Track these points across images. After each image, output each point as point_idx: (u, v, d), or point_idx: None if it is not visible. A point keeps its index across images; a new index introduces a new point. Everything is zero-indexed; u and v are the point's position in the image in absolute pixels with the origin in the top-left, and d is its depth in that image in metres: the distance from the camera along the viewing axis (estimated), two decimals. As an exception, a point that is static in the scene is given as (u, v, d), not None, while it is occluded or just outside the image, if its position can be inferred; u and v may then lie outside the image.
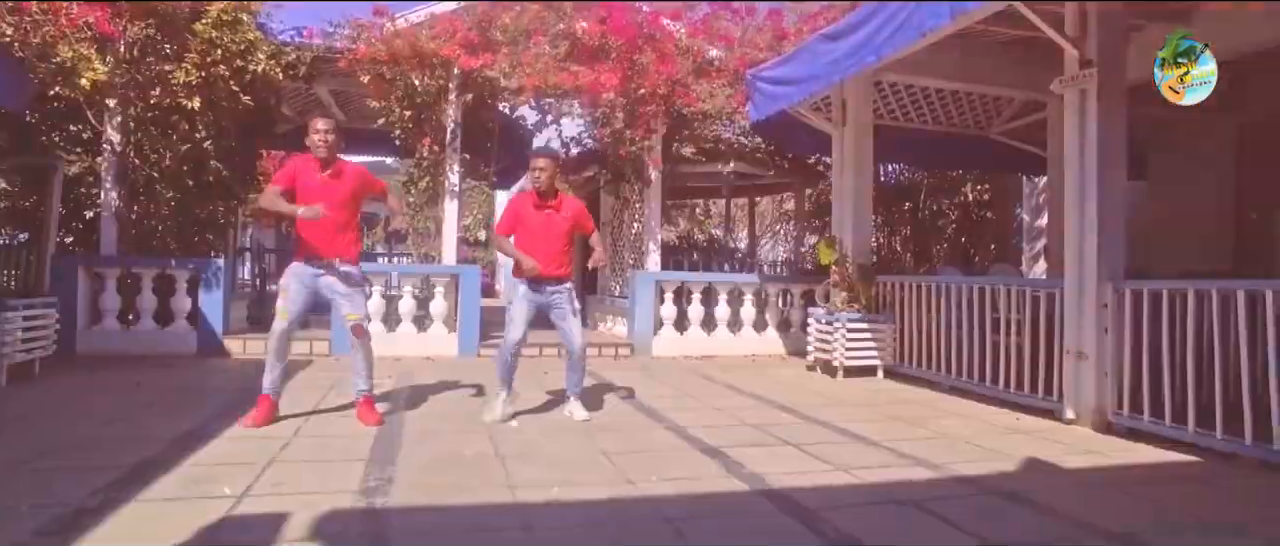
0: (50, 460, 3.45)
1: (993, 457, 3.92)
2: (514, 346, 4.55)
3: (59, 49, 6.32)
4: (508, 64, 7.51)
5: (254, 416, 4.18)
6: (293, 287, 4.25)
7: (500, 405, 4.57)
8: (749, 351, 8.54)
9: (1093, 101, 4.65)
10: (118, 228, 7.20)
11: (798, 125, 8.52)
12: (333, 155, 4.30)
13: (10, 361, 5.37)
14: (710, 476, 3.50)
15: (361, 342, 4.35)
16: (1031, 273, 10.31)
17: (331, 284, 4.28)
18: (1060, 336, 4.92)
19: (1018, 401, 5.26)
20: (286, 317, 4.23)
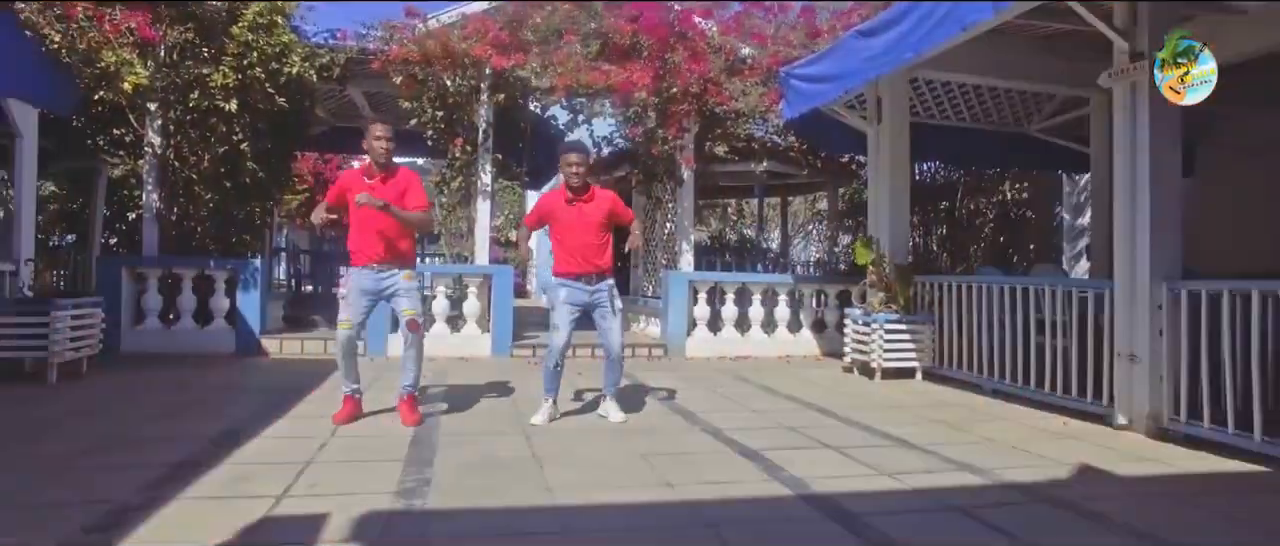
0: (97, 457, 3.50)
1: (1042, 463, 3.79)
2: (559, 352, 4.49)
3: (103, 54, 6.44)
4: (539, 63, 7.51)
5: (340, 414, 4.32)
6: (353, 296, 4.31)
7: (545, 411, 4.53)
8: (783, 352, 8.44)
9: (1144, 95, 4.49)
10: (159, 229, 7.32)
11: (832, 123, 8.39)
12: (390, 160, 4.35)
13: (60, 359, 5.49)
14: (750, 479, 3.43)
15: (416, 338, 4.38)
16: (1074, 273, 10.05)
17: (392, 284, 4.32)
18: (1110, 338, 4.76)
19: (1064, 405, 5.11)
20: (350, 326, 4.28)
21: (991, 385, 5.97)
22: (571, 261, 4.48)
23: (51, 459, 3.43)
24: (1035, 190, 11.03)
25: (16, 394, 5.00)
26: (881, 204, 7.45)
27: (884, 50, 5.55)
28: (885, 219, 7.36)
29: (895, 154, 7.33)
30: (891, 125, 7.32)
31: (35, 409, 4.56)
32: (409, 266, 4.40)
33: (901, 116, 7.38)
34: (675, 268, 8.67)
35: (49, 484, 3.09)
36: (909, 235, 7.65)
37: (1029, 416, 5.08)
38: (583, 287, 4.49)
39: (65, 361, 5.55)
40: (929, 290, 7.05)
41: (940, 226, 11.33)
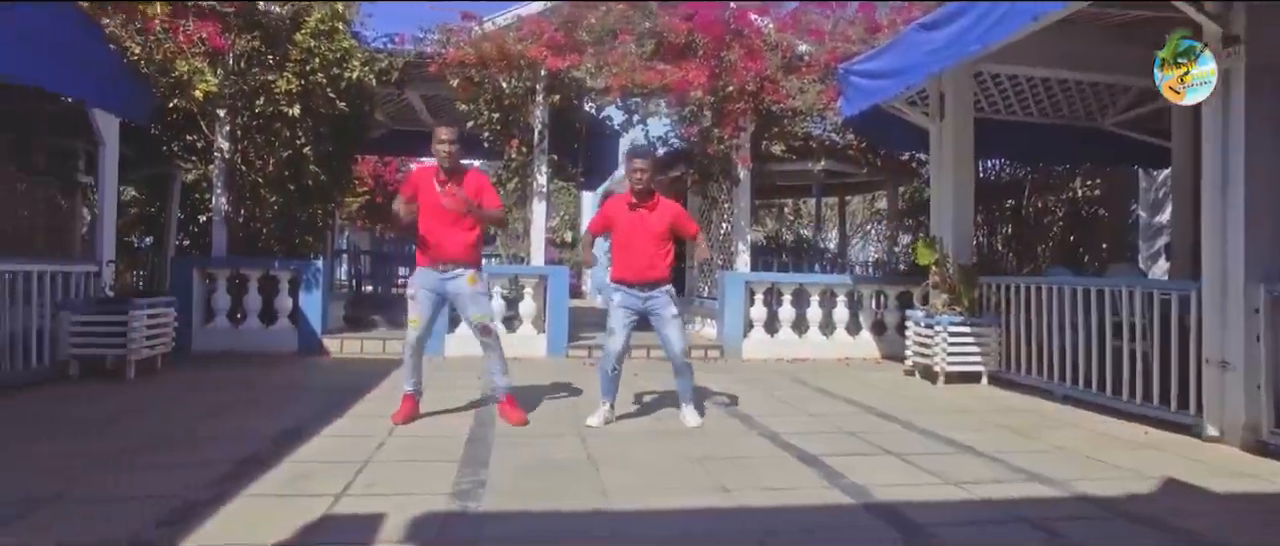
0: (168, 452, 3.61)
1: (1122, 476, 3.58)
2: (615, 357, 4.46)
3: (177, 64, 6.69)
4: (594, 64, 7.50)
5: (399, 413, 4.38)
6: (421, 296, 4.34)
7: (601, 414, 4.49)
8: (842, 355, 8.26)
9: (1239, 82, 4.20)
10: (227, 230, 7.57)
11: (892, 120, 8.17)
12: (455, 163, 4.36)
13: (137, 357, 5.72)
14: (809, 486, 3.33)
15: (492, 341, 4.43)
16: (1152, 273, 9.57)
17: (458, 287, 4.34)
18: (1196, 344, 4.48)
19: (1145, 414, 4.84)
20: (419, 325, 4.33)
21: (1062, 391, 5.71)
22: (628, 268, 4.44)
23: (126, 453, 3.55)
24: (1108, 187, 10.56)
25: (97, 389, 5.22)
26: (944, 203, 7.21)
27: (947, 43, 5.37)
28: (948, 218, 7.13)
29: (959, 151, 7.09)
30: (955, 121, 7.08)
31: (113, 404, 4.75)
32: (474, 268, 4.40)
33: (965, 112, 7.13)
34: (731, 268, 8.56)
35: (124, 478, 3.19)
36: (973, 235, 7.39)
37: (1104, 424, 4.83)
38: (637, 294, 4.45)
39: (142, 358, 5.78)
40: (995, 291, 6.80)
41: (1006, 226, 10.94)
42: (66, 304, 5.62)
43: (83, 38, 5.68)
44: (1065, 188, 10.56)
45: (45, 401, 4.77)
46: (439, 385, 5.49)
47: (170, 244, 10.72)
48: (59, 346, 5.57)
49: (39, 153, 7.91)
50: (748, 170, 8.38)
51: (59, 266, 5.83)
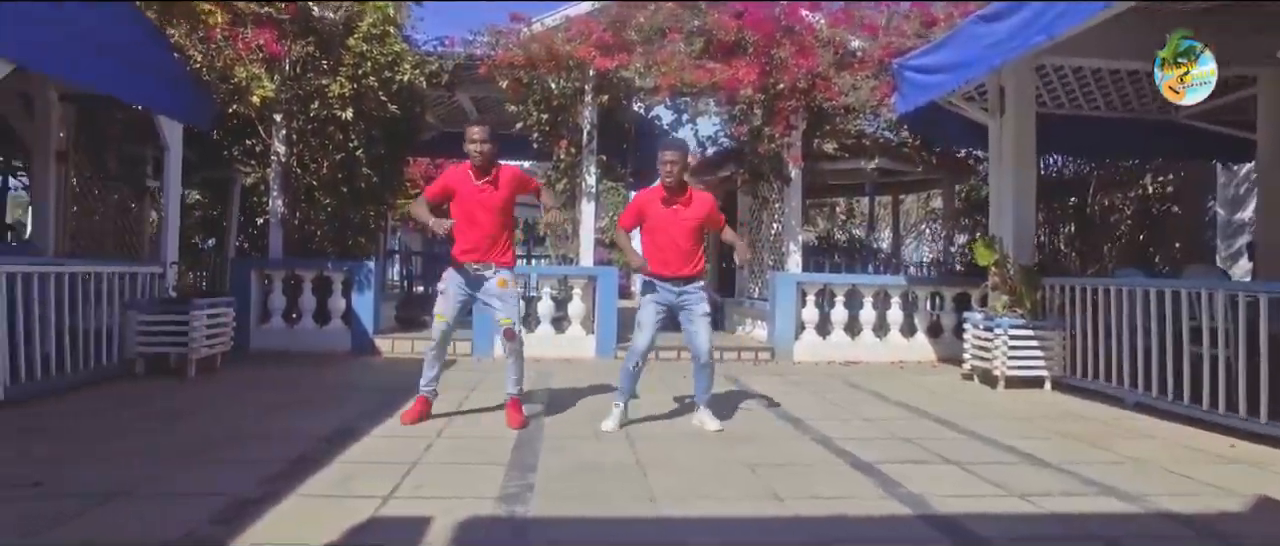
0: (223, 449, 3.67)
1: (1205, 492, 3.36)
2: (640, 353, 4.35)
3: (235, 70, 6.87)
4: (642, 63, 7.45)
5: (409, 413, 4.37)
6: (450, 291, 4.34)
7: (615, 417, 4.37)
8: (896, 357, 8.04)
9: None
10: (283, 232, 7.74)
11: (948, 116, 7.93)
12: (489, 163, 4.30)
13: (198, 355, 5.88)
14: (864, 495, 3.20)
15: (513, 346, 4.35)
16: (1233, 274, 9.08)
17: (487, 287, 4.31)
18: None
19: (1230, 425, 4.53)
20: (445, 320, 4.33)
21: (1134, 398, 5.43)
22: (662, 263, 4.34)
23: (184, 449, 3.63)
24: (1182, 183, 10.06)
25: (160, 386, 5.38)
26: (1004, 201, 6.95)
27: (1009, 36, 5.16)
28: (1008, 217, 6.87)
29: (1020, 147, 6.83)
30: (1015, 116, 6.82)
31: (174, 401, 4.88)
32: (505, 269, 4.35)
33: (1026, 106, 6.87)
34: (782, 269, 8.41)
35: (181, 473, 3.25)
36: (1034, 234, 7.10)
37: (1183, 435, 4.56)
38: (669, 288, 4.33)
39: (202, 357, 5.94)
40: (1059, 293, 6.51)
41: (1068, 225, 10.54)
42: (133, 304, 5.81)
43: (152, 48, 5.91)
44: (1134, 184, 10.10)
45: (114, 398, 4.92)
46: (488, 386, 5.51)
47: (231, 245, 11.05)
48: (126, 344, 5.75)
49: (112, 159, 8.24)
50: (799, 169, 8.22)
51: (127, 268, 6.04)
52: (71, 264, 5.49)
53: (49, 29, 4.69)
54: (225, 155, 8.70)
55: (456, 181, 4.35)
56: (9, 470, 3.22)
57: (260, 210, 9.88)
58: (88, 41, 5.03)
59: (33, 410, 4.43)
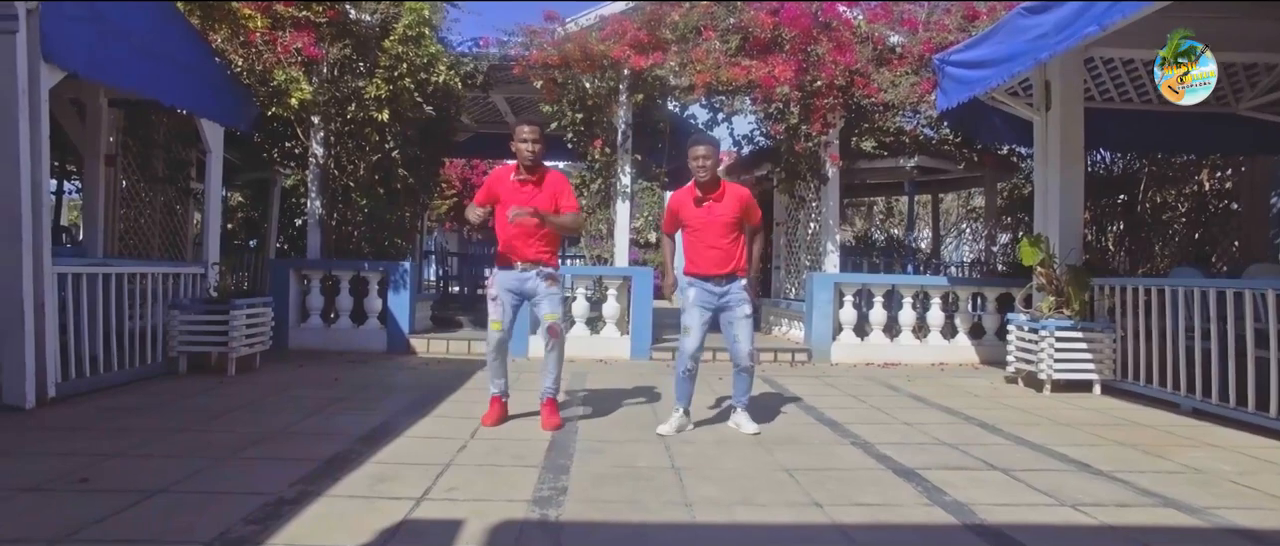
0: (259, 448, 3.69)
1: (1275, 504, 3.18)
2: (691, 356, 4.24)
3: (275, 73, 6.96)
4: (677, 62, 7.37)
5: (488, 415, 4.35)
6: (503, 297, 4.29)
7: (675, 421, 4.29)
8: (936, 359, 7.85)
9: None
10: (321, 233, 7.82)
11: (991, 112, 7.73)
12: (537, 162, 4.28)
13: (237, 354, 5.97)
14: (908, 503, 3.09)
15: (556, 343, 4.29)
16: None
17: (536, 285, 4.27)
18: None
19: (1295, 432, 4.33)
20: (500, 327, 4.27)
21: (1191, 404, 5.20)
22: (700, 261, 4.25)
23: (222, 447, 3.65)
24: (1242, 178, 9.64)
25: (200, 384, 5.46)
26: (1050, 199, 6.74)
27: (1057, 27, 4.98)
28: (1055, 215, 6.66)
29: (1067, 143, 6.62)
30: (1063, 111, 6.61)
31: (213, 399, 4.94)
32: (553, 269, 4.34)
33: (1074, 101, 6.65)
34: (820, 269, 8.27)
35: (217, 472, 3.27)
36: (1082, 233, 6.86)
37: (1246, 443, 4.34)
38: (712, 289, 4.24)
39: (241, 356, 6.02)
40: (1108, 294, 6.28)
41: (1115, 223, 10.18)
42: (176, 303, 5.92)
43: (195, 52, 6.03)
44: (1189, 180, 9.71)
45: (158, 396, 5.00)
46: (522, 386, 5.47)
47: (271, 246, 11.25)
48: (170, 343, 5.87)
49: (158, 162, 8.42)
50: (837, 168, 8.07)
51: (171, 268, 6.16)
52: (118, 264, 5.61)
53: (98, 36, 4.80)
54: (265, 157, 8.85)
55: (498, 183, 4.34)
56: (58, 466, 3.27)
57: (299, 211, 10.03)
58: (135, 47, 5.14)
59: (81, 407, 4.52)
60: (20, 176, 4.34)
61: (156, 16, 5.48)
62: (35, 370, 4.43)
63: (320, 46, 7.26)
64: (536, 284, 4.27)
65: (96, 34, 4.80)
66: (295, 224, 10.90)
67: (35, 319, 4.45)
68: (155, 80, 5.47)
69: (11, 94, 4.30)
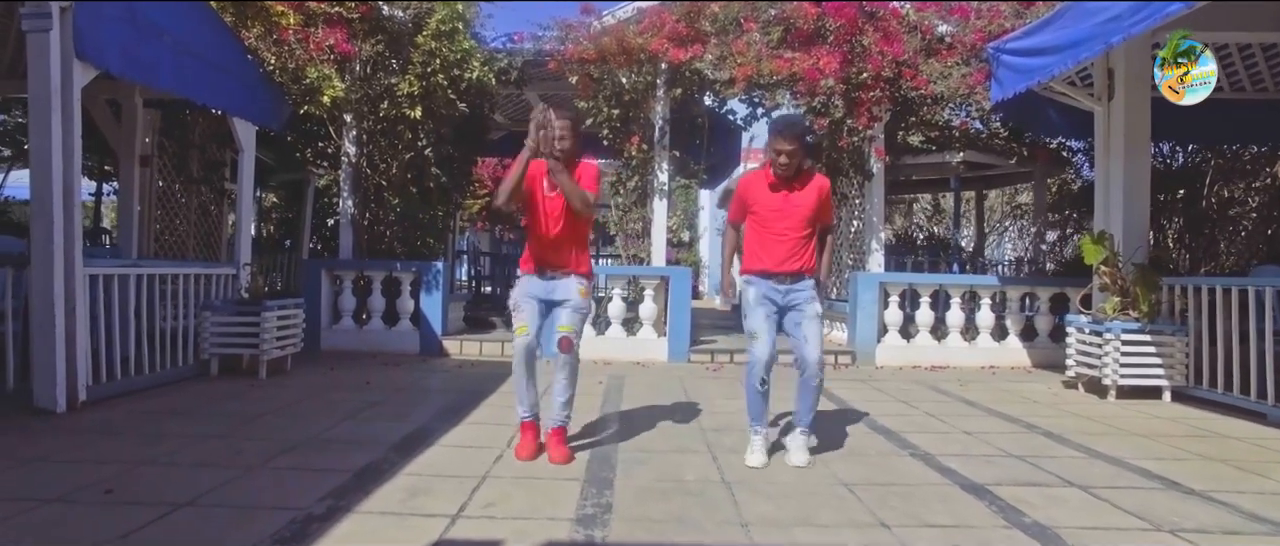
0: (289, 457, 3.53)
1: (1398, 529, 2.86)
2: (764, 366, 3.59)
3: (307, 71, 6.86)
4: (717, 55, 7.13)
5: (521, 446, 3.67)
6: (524, 305, 3.69)
7: (758, 447, 3.66)
8: (986, 362, 7.50)
9: None
10: (353, 233, 7.72)
11: (1043, 104, 7.36)
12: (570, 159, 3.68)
13: (268, 357, 5.86)
14: (982, 524, 2.83)
15: (570, 359, 3.66)
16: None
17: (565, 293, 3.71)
18: None
19: (1397, 444, 3.96)
20: (526, 330, 3.63)
21: (1278, 414, 4.83)
22: (766, 256, 3.67)
23: (251, 456, 3.50)
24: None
25: (231, 387, 5.35)
26: (1113, 194, 6.38)
27: (1132, 9, 4.63)
28: (1118, 211, 6.30)
29: (1132, 134, 6.26)
30: (1128, 101, 6.25)
31: (244, 404, 4.82)
32: (584, 277, 3.76)
33: (1141, 89, 6.29)
34: (864, 268, 7.97)
35: (247, 483, 3.11)
36: (1148, 230, 6.48)
37: (1345, 457, 3.99)
38: (777, 286, 3.66)
39: (273, 358, 5.91)
40: (1179, 295, 5.91)
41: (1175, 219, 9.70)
42: (208, 305, 5.83)
43: (228, 51, 5.93)
44: (1262, 172, 9.19)
45: (188, 400, 4.89)
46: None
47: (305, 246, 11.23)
48: (202, 345, 5.78)
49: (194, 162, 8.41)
50: (882, 163, 7.76)
51: (203, 269, 6.07)
52: (151, 265, 5.52)
53: (131, 35, 4.71)
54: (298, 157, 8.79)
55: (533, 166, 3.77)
56: (85, 474, 3.15)
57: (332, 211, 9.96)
58: (168, 46, 5.05)
59: (112, 411, 4.42)
60: (52, 176, 4.25)
61: (190, 15, 5.39)
62: (66, 373, 4.35)
63: (352, 43, 7.16)
64: (567, 292, 3.70)
65: (130, 32, 4.71)
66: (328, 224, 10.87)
67: (66, 321, 4.36)
68: (189, 79, 5.39)
69: (45, 93, 4.22)
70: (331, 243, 8.97)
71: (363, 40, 7.23)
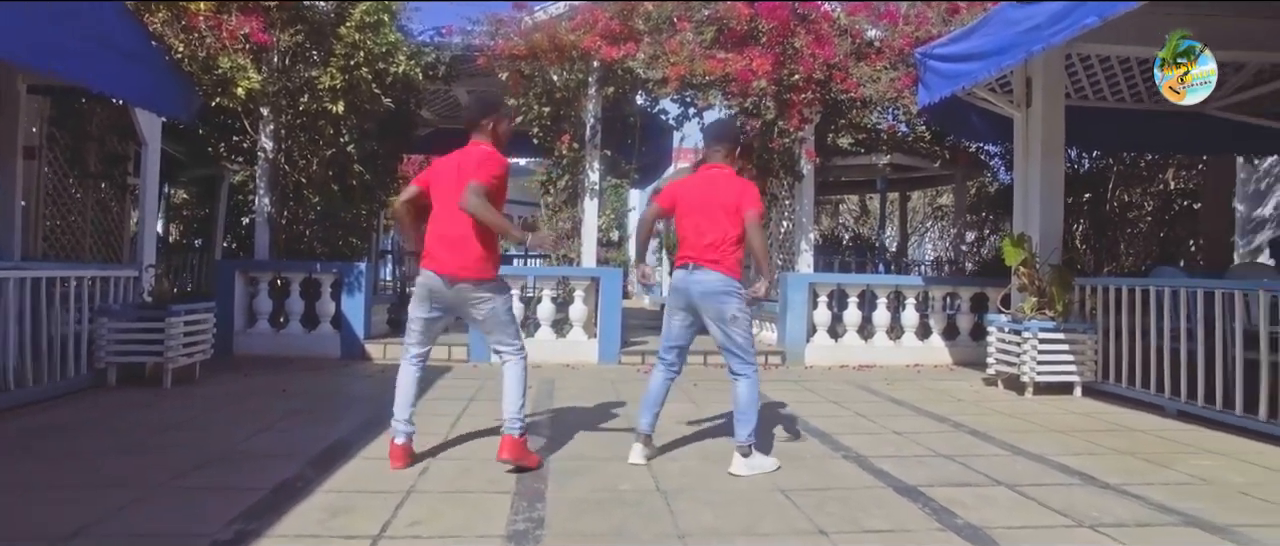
0: (197, 476, 3.28)
1: (1296, 519, 3.01)
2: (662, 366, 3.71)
3: (219, 61, 6.47)
4: (650, 53, 7.07)
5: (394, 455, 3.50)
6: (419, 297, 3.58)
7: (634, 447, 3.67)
8: (911, 361, 7.69)
9: None
10: (269, 232, 7.34)
11: (968, 109, 7.58)
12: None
13: (175, 364, 5.48)
14: (918, 528, 2.84)
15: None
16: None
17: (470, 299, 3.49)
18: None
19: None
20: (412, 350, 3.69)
21: (1176, 406, 5.10)
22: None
23: (153, 476, 3.22)
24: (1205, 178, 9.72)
25: (133, 398, 4.97)
26: (1031, 197, 6.62)
27: (1054, 18, 4.78)
28: (1036, 214, 6.54)
29: (1048, 140, 6.51)
30: (1045, 107, 6.50)
31: (147, 415, 4.48)
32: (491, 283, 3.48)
33: (1056, 98, 6.56)
34: (793, 269, 8.05)
35: (145, 509, 2.85)
36: (1062, 232, 6.75)
37: (1242, 449, 4.21)
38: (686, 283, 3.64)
39: (179, 366, 5.54)
40: (1089, 295, 6.17)
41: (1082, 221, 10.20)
42: (104, 310, 5.41)
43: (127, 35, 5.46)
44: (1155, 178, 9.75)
45: (82, 414, 4.52)
46: (488, 396, 5.13)
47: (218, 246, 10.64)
48: (97, 353, 5.34)
49: (91, 156, 7.83)
50: (813, 165, 7.85)
51: (99, 271, 5.61)
52: (35, 268, 5.08)
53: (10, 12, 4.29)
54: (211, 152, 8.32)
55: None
56: (-49, 504, 2.83)
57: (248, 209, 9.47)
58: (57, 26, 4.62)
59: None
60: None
61: (81, -9, 4.95)
62: (-64, 387, 3.94)
63: (270, 33, 6.78)
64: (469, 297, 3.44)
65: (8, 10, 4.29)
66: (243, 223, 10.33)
67: (-64, 329, 3.95)
68: (82, 63, 4.91)
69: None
70: (248, 242, 8.50)
71: (281, 30, 6.86)
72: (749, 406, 3.55)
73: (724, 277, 3.55)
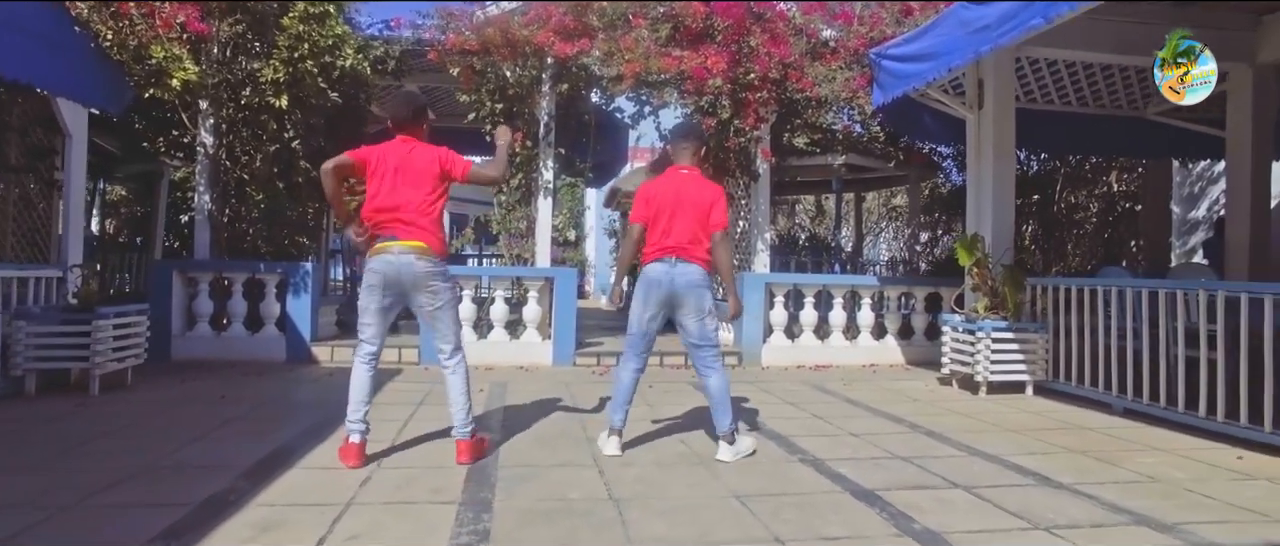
0: (119, 491, 3.06)
1: (1241, 517, 3.04)
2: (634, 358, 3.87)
3: (152, 50, 6.17)
4: (604, 50, 6.96)
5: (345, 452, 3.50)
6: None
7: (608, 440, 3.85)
8: (867, 361, 7.73)
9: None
10: (211, 231, 7.03)
11: (922, 110, 7.65)
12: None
13: (103, 371, 5.19)
14: (876, 534, 2.79)
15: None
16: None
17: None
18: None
19: (1227, 433, 4.29)
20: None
21: (1123, 404, 5.19)
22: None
23: (72, 491, 3.01)
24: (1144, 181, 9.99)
25: (56, 408, 4.67)
26: (983, 198, 6.69)
27: (1000, 20, 4.83)
28: (988, 215, 6.61)
29: (1000, 142, 6.58)
30: (996, 109, 6.57)
31: (71, 425, 4.22)
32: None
33: (1006, 100, 6.64)
34: (749, 269, 8.02)
35: (61, 526, 2.66)
36: (1013, 233, 6.85)
37: (1185, 446, 4.29)
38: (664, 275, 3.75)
39: (108, 372, 5.25)
40: (1041, 294, 6.26)
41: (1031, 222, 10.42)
42: (22, 312, 5.07)
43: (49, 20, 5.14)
44: (1099, 181, 9.99)
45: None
46: (436, 399, 4.97)
47: (158, 245, 10.20)
48: (13, 360, 5.00)
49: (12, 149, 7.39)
50: (768, 164, 7.83)
51: (15, 272, 5.28)
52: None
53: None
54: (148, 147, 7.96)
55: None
56: None
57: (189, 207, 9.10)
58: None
59: (-108, 441, 3.75)
60: None
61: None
62: None
63: (208, 21, 6.50)
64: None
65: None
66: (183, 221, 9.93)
67: None
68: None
69: None
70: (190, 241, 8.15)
71: (220, 20, 6.57)
72: (725, 397, 3.76)
73: (704, 272, 3.75)
